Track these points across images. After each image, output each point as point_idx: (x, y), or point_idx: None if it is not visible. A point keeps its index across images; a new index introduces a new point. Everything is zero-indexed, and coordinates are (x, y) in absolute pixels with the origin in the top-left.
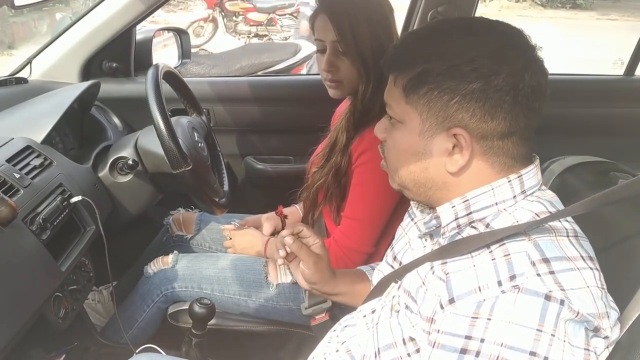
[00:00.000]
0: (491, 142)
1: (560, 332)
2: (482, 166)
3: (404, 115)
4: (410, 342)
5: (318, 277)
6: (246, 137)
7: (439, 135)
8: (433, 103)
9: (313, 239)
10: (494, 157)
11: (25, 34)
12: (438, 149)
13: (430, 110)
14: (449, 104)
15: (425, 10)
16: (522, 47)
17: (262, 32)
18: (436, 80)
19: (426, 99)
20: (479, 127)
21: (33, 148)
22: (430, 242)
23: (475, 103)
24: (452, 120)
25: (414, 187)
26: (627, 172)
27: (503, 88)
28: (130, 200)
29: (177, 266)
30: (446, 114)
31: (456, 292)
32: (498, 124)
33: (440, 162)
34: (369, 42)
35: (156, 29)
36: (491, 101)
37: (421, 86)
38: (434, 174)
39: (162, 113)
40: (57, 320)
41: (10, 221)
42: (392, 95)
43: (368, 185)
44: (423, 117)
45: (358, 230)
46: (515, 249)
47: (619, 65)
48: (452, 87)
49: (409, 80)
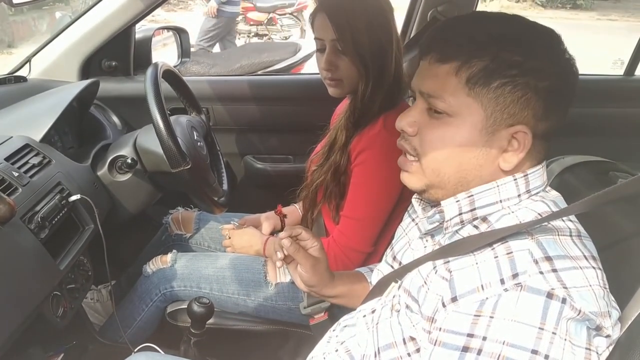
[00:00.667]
0: (538, 141)
1: (561, 330)
2: (523, 164)
3: (462, 109)
4: (410, 342)
5: (316, 280)
6: (245, 136)
7: (501, 131)
8: (503, 98)
9: (311, 242)
10: (535, 155)
11: (24, 32)
12: (497, 146)
13: (498, 105)
14: (519, 100)
15: (425, 9)
16: (559, 44)
17: (262, 31)
18: (510, 74)
19: (496, 93)
20: (535, 125)
21: (32, 146)
22: (431, 242)
23: (543, 102)
24: (517, 117)
25: (455, 185)
26: (627, 171)
27: (564, 89)
28: (129, 199)
29: (176, 265)
30: (513, 110)
31: (459, 290)
32: (548, 124)
33: (496, 158)
34: (368, 41)
35: (156, 27)
36: (552, 101)
37: (493, 79)
38: (488, 171)
39: (161, 112)
40: (56, 319)
41: (8, 219)
42: (447, 86)
43: (367, 184)
44: (488, 111)
45: (357, 230)
46: (517, 247)
47: (619, 66)
48: (525, 83)
49: (477, 72)
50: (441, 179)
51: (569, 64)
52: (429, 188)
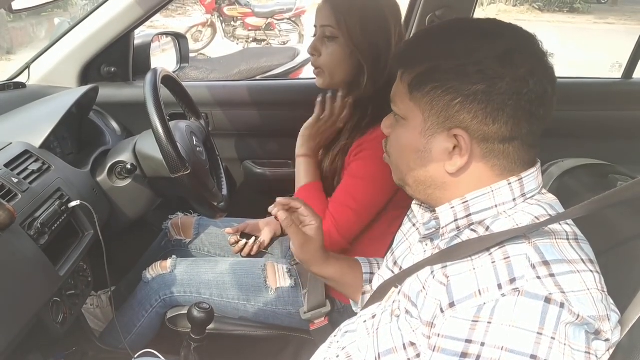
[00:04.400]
0: (492, 145)
1: (560, 335)
2: (482, 169)
3: (408, 112)
4: (410, 347)
5: (304, 257)
6: (245, 142)
7: (440, 135)
8: (436, 102)
9: (309, 219)
10: (494, 160)
11: (23, 39)
12: (438, 149)
13: (433, 109)
14: (451, 104)
15: (423, 14)
16: (530, 52)
17: (260, 37)
18: (441, 78)
19: (429, 97)
20: (480, 129)
21: (31, 152)
22: (430, 246)
23: (478, 105)
24: (454, 121)
25: (414, 185)
26: (626, 174)
27: (506, 92)
28: (128, 205)
29: (175, 271)
30: (448, 114)
31: (456, 296)
32: (500, 127)
33: (440, 162)
34: (359, 31)
35: (154, 33)
36: (494, 104)
37: (426, 84)
38: (434, 173)
39: (160, 117)
40: (56, 326)
41: (8, 226)
42: (398, 91)
43: (362, 177)
44: (425, 115)
45: (343, 215)
46: (515, 251)
47: (617, 68)
48: (456, 87)
49: (414, 77)
50: (402, 177)
51: (521, 69)
52: (403, 185)
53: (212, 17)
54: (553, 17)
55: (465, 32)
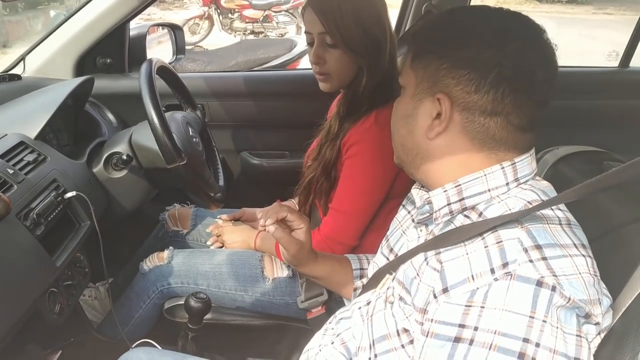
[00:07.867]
0: (472, 116)
1: (552, 318)
2: (462, 139)
3: (406, 80)
4: (404, 334)
5: (296, 261)
6: (241, 132)
7: (426, 99)
8: (428, 67)
9: (298, 223)
10: (473, 133)
11: (19, 32)
12: (424, 113)
13: (425, 75)
14: (439, 68)
15: (419, 3)
16: (524, 32)
17: (257, 29)
18: (438, 48)
19: (424, 63)
20: (462, 97)
21: (27, 144)
22: (424, 232)
23: (462, 71)
24: (439, 86)
25: (404, 155)
26: (620, 161)
27: (489, 62)
28: (125, 196)
29: (172, 262)
30: (435, 79)
31: (450, 281)
32: (480, 97)
33: (423, 127)
34: (357, 34)
35: (150, 24)
36: (477, 72)
37: (424, 53)
38: (418, 139)
39: (156, 108)
40: (53, 316)
41: (4, 216)
42: (403, 63)
43: (355, 177)
44: (418, 80)
45: (343, 222)
46: (507, 235)
47: (614, 57)
48: (447, 53)
49: (417, 48)
50: (396, 149)
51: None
52: (399, 162)
53: (210, 9)
54: (551, 8)
55: (474, 15)
